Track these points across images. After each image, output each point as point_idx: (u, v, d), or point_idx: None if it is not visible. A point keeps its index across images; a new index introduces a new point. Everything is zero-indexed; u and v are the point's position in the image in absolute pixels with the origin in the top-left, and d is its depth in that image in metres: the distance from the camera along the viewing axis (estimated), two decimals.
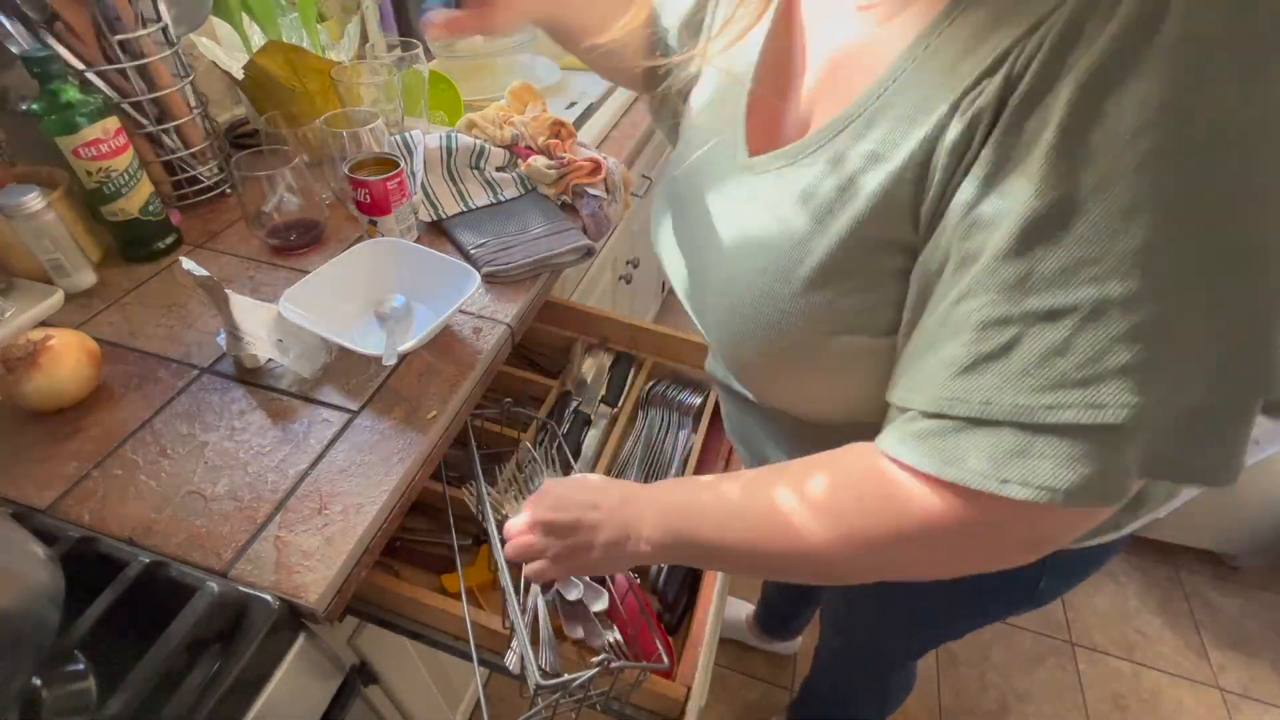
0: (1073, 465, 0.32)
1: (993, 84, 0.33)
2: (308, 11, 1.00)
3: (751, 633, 1.39)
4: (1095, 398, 0.31)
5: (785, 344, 0.43)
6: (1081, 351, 0.31)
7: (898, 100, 0.37)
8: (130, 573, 0.48)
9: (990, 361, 0.33)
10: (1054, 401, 0.32)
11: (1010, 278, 0.32)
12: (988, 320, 0.33)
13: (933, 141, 0.35)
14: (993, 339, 0.33)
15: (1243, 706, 1.35)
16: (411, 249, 0.74)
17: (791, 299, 0.42)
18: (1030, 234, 0.31)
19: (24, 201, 0.68)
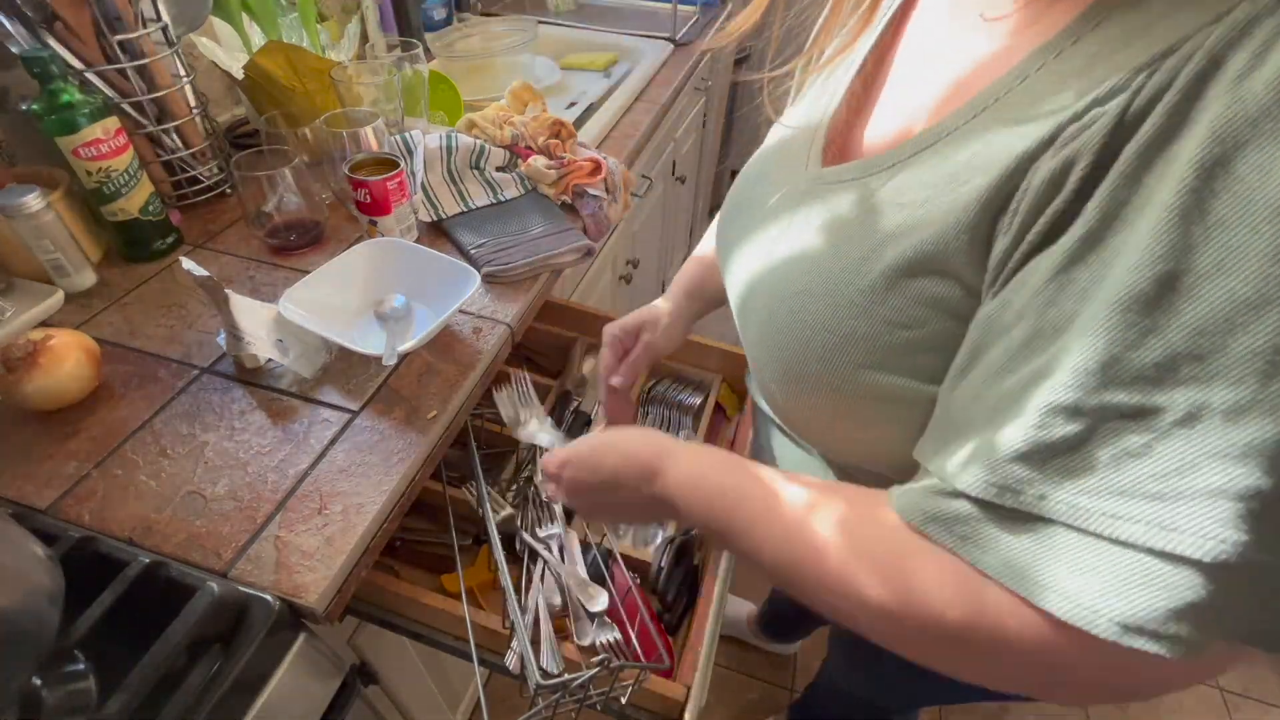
0: (1126, 591, 0.26)
1: (1105, 117, 0.28)
2: (308, 11, 1.00)
3: (752, 631, 1.39)
4: (1170, 519, 0.25)
5: (814, 370, 0.40)
6: (1164, 461, 0.25)
7: (994, 122, 0.33)
8: (130, 573, 0.48)
9: (1053, 453, 0.28)
10: (1118, 510, 0.26)
11: (1091, 362, 0.27)
12: (1055, 405, 0.28)
13: (1019, 174, 0.30)
14: (1059, 429, 0.28)
15: (1243, 706, 1.35)
16: (411, 249, 0.74)
17: (834, 321, 0.38)
18: (1123, 311, 0.26)
19: (24, 201, 0.68)
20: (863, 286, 0.37)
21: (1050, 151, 0.29)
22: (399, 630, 0.65)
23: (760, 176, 0.52)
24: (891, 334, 0.36)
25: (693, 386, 0.89)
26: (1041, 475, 0.28)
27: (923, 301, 0.35)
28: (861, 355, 0.38)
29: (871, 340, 0.37)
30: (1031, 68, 0.33)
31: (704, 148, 1.95)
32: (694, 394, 0.88)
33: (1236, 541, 0.24)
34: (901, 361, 0.37)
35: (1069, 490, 0.28)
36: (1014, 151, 0.31)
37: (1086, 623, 0.27)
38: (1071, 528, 0.28)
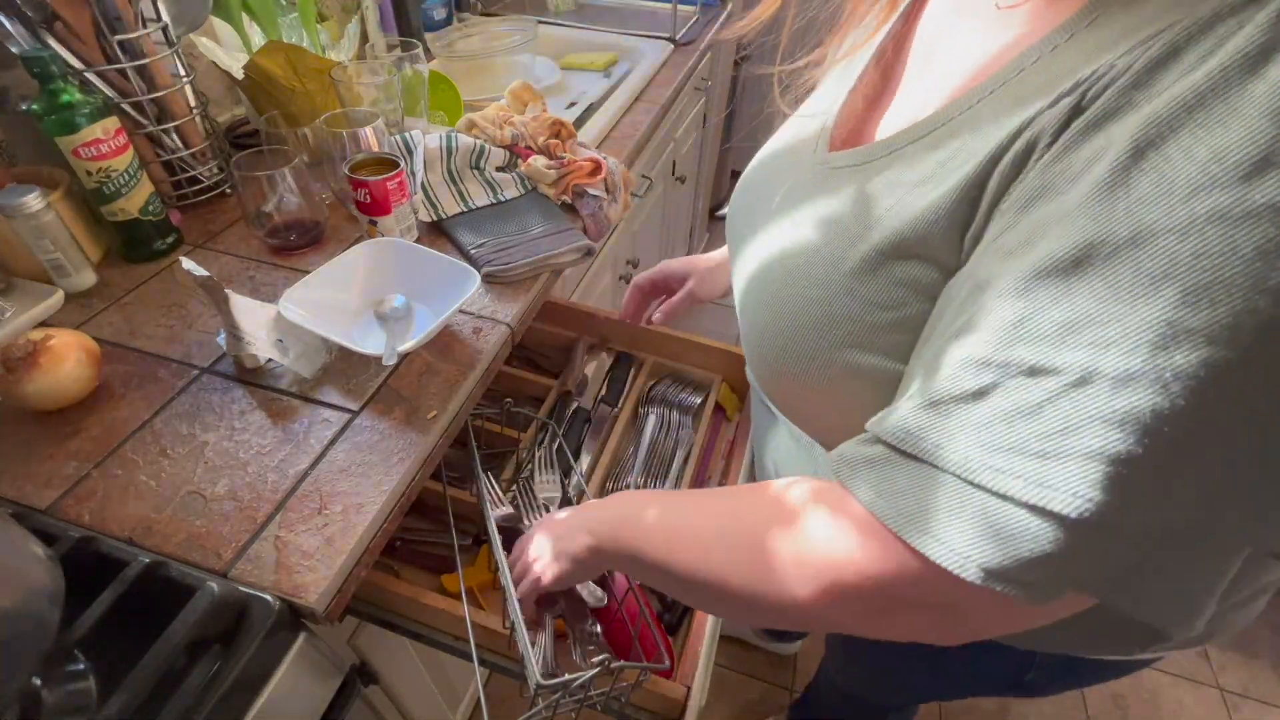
0: (995, 539, 0.28)
1: (1066, 102, 0.29)
2: (308, 11, 1.00)
3: (752, 631, 1.39)
4: (1046, 475, 0.27)
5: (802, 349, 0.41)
6: (1050, 421, 0.27)
7: (986, 113, 0.34)
8: (130, 573, 0.48)
9: (957, 404, 0.30)
10: (1003, 465, 0.28)
11: (1006, 319, 0.29)
12: (968, 359, 0.30)
13: (994, 161, 0.32)
14: (966, 380, 0.30)
15: (1243, 706, 1.35)
16: (411, 249, 0.74)
17: (819, 302, 0.40)
18: (1042, 275, 0.28)
19: (24, 201, 0.68)
20: (849, 269, 0.38)
21: (1020, 136, 0.31)
22: (399, 630, 0.65)
23: (770, 167, 0.52)
24: (873, 314, 0.38)
25: (693, 386, 0.89)
26: (943, 424, 0.30)
27: (903, 283, 0.37)
28: (843, 335, 0.39)
29: (854, 320, 0.38)
30: (1028, 60, 0.33)
31: (704, 148, 1.95)
32: (694, 394, 0.88)
33: (1102, 502, 0.26)
34: (879, 340, 0.38)
35: (963, 442, 0.29)
36: (993, 140, 0.32)
37: (956, 567, 0.29)
38: (959, 478, 0.29)
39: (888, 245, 0.37)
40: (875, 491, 0.33)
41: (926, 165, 0.36)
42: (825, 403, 0.43)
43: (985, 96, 0.35)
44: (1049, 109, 0.30)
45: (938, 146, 0.36)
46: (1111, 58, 0.28)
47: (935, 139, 0.37)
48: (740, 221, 0.53)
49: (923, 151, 0.37)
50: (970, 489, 0.29)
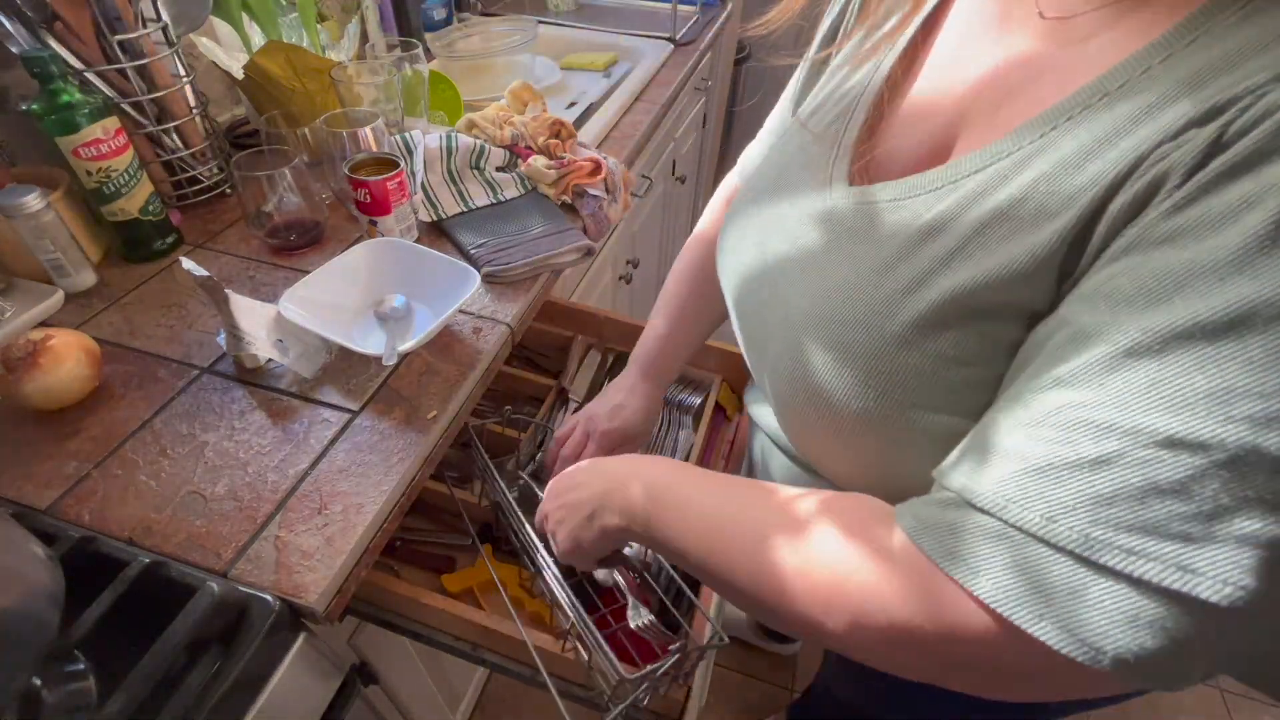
0: (1133, 630, 0.25)
1: (1201, 135, 0.26)
2: (308, 11, 1.00)
3: (753, 631, 1.39)
4: (1190, 560, 0.24)
5: (856, 408, 0.37)
6: (1196, 503, 0.24)
7: (1068, 144, 0.30)
8: (130, 573, 0.48)
9: (1074, 471, 0.26)
10: (1136, 547, 0.25)
11: (1136, 381, 0.25)
12: (1084, 421, 0.26)
13: (1105, 201, 0.28)
14: (1085, 446, 0.26)
15: (1243, 706, 1.35)
16: (411, 249, 0.74)
17: (877, 357, 0.35)
18: (1183, 338, 0.24)
19: (24, 201, 0.68)
20: (911, 318, 0.34)
21: (1138, 173, 0.27)
22: (399, 630, 0.65)
23: (772, 190, 0.48)
24: (946, 370, 0.34)
25: (693, 386, 0.89)
26: (1055, 494, 0.27)
27: (983, 337, 0.33)
28: (909, 393, 0.35)
29: (921, 376, 0.34)
30: (1112, 84, 0.30)
31: (704, 148, 1.95)
32: (694, 394, 0.88)
33: (1254, 589, 0.24)
34: (954, 401, 0.34)
35: (1083, 517, 0.26)
36: (1096, 176, 0.29)
37: (1089, 659, 0.26)
38: (1079, 558, 0.26)
39: (960, 292, 0.33)
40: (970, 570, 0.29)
41: (996, 202, 0.32)
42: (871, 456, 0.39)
43: (1060, 123, 0.31)
44: (1171, 143, 0.26)
45: (1006, 181, 0.32)
46: (1253, 83, 0.25)
47: (999, 172, 0.33)
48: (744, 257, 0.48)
49: (986, 188, 0.33)
50: (1093, 571, 0.26)
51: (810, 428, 0.41)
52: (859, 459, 0.40)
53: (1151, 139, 0.27)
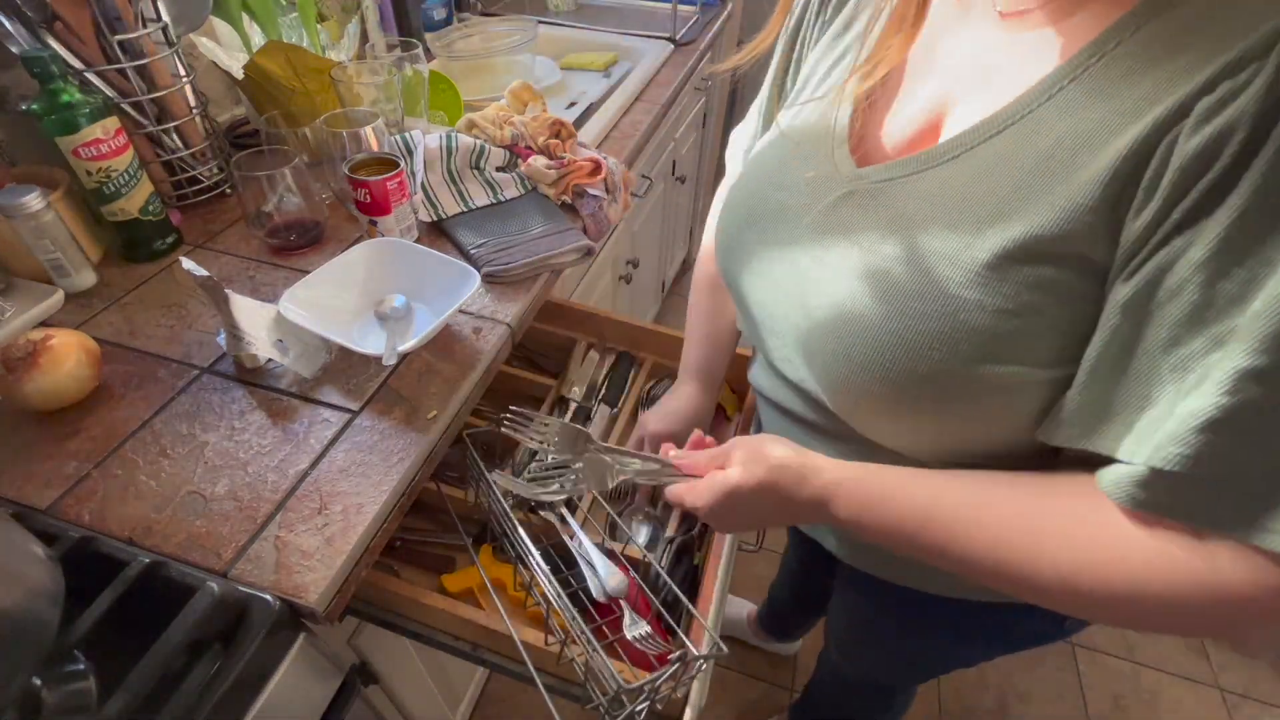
0: None
1: (1252, 89, 0.28)
2: (308, 11, 1.00)
3: (752, 631, 1.39)
4: None
5: (924, 371, 0.38)
6: None
7: (1080, 101, 0.34)
8: (130, 573, 0.48)
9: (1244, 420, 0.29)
10: None
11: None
12: (1246, 370, 0.29)
13: (1148, 150, 0.31)
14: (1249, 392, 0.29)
15: (1243, 706, 1.35)
16: (411, 249, 0.74)
17: (937, 318, 0.37)
18: None
19: (24, 201, 0.68)
20: (963, 279, 0.36)
21: (1189, 125, 0.30)
22: (399, 630, 0.65)
23: (773, 184, 0.50)
24: (1005, 323, 0.35)
25: None
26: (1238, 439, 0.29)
27: (1035, 286, 0.35)
28: (973, 349, 0.36)
29: (981, 332, 0.36)
30: (1107, 45, 0.33)
31: (704, 148, 1.95)
32: None
33: None
34: (1018, 350, 0.36)
35: (1266, 449, 0.29)
36: (1124, 128, 0.31)
37: None
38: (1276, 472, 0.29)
39: (1010, 246, 0.35)
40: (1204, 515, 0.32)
41: (1023, 162, 0.35)
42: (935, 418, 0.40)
43: (1064, 85, 0.34)
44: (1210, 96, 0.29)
45: (1026, 141, 0.35)
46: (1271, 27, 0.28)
47: (1015, 135, 0.36)
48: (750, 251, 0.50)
49: (1006, 149, 0.36)
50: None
51: (869, 401, 0.42)
52: (921, 423, 0.41)
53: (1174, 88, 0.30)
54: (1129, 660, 1.42)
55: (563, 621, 0.55)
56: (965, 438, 0.41)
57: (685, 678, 0.55)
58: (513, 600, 0.67)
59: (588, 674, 0.55)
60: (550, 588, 0.56)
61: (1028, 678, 1.38)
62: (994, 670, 1.39)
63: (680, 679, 0.54)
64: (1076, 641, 1.45)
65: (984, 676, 1.39)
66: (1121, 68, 0.33)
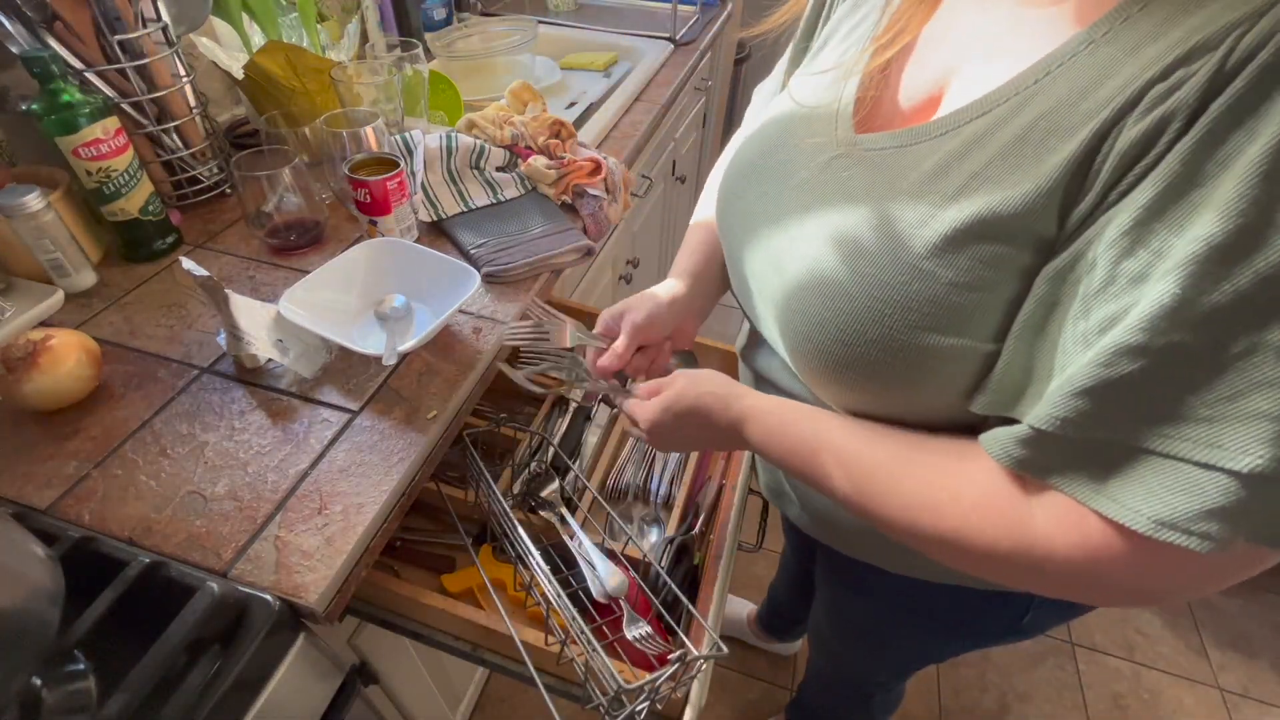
0: (1166, 495, 0.30)
1: (1195, 79, 0.29)
2: (308, 11, 1.00)
3: (752, 631, 1.39)
4: (1216, 437, 0.29)
5: (873, 335, 0.40)
6: (1217, 391, 0.29)
7: (1063, 86, 0.34)
8: (130, 573, 0.48)
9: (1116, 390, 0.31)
10: (1171, 433, 0.30)
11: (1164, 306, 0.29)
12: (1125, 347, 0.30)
13: (1102, 136, 0.32)
14: (1124, 367, 0.30)
15: (1243, 706, 1.35)
16: (411, 249, 0.74)
17: (893, 285, 0.38)
18: (1202, 262, 0.28)
19: (24, 201, 0.68)
20: (922, 249, 0.37)
21: (1137, 112, 0.31)
22: (399, 630, 0.65)
23: (779, 142, 0.50)
24: (954, 295, 0.37)
25: None
26: (1103, 408, 0.31)
27: (990, 263, 0.36)
28: (923, 317, 0.38)
29: (933, 302, 0.37)
30: (1098, 33, 0.34)
31: (704, 148, 1.95)
32: None
33: (1273, 457, 0.28)
34: (965, 323, 0.37)
35: (1128, 421, 0.31)
36: (1093, 115, 0.32)
37: (1128, 520, 0.31)
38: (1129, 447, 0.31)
39: (970, 221, 0.36)
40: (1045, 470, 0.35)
41: (999, 142, 0.36)
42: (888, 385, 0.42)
43: (1052, 70, 0.35)
44: (1163, 84, 0.30)
45: (1005, 123, 0.36)
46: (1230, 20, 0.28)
47: (999, 116, 0.36)
48: (746, 206, 0.51)
49: (988, 128, 0.37)
50: (1142, 455, 0.31)
51: (828, 365, 0.44)
52: (876, 390, 0.43)
53: (1141, 77, 0.31)
54: (1129, 660, 1.42)
55: (563, 621, 0.55)
56: (910, 407, 0.43)
57: (685, 678, 0.55)
58: (513, 600, 0.67)
59: (588, 674, 0.55)
60: (550, 588, 0.56)
61: (1028, 678, 1.38)
62: (994, 670, 1.39)
63: (680, 679, 0.54)
64: (1076, 641, 1.45)
65: (984, 676, 1.39)
66: (1105, 55, 0.33)
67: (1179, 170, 0.29)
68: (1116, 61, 0.32)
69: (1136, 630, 1.47)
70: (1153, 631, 1.46)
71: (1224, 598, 1.52)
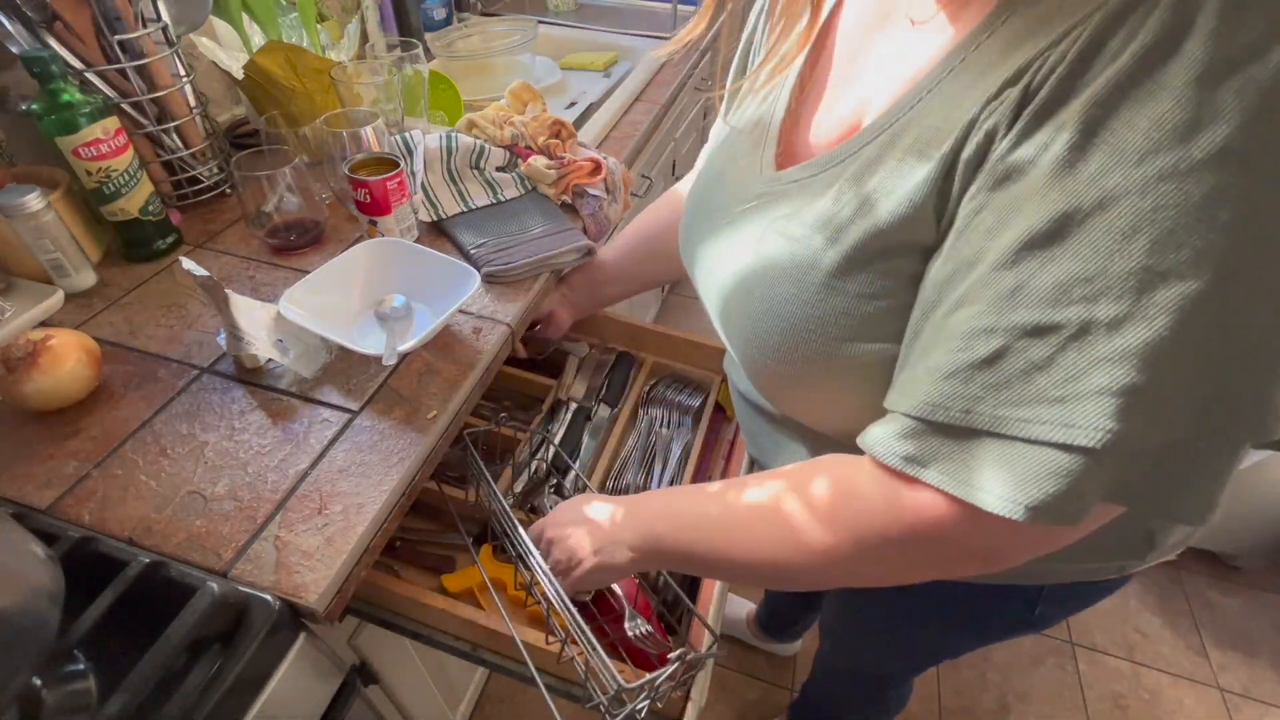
0: (1037, 481, 0.32)
1: (1012, 94, 0.33)
2: (308, 11, 1.00)
3: (751, 631, 1.39)
4: (1069, 417, 0.31)
5: (803, 352, 0.43)
6: (1062, 370, 0.31)
7: (928, 111, 0.37)
8: (130, 573, 0.48)
9: (974, 370, 0.33)
10: (1030, 415, 0.32)
11: (1003, 289, 0.32)
12: (975, 329, 0.33)
13: (956, 150, 0.35)
14: (978, 348, 0.33)
15: (1243, 707, 1.35)
16: (411, 249, 0.74)
17: (810, 303, 0.42)
18: (1027, 247, 0.31)
19: (24, 201, 0.68)
20: (831, 267, 0.41)
21: (977, 126, 0.34)
22: (399, 630, 0.65)
23: (716, 181, 0.55)
24: (865, 305, 0.40)
25: (693, 386, 0.89)
26: (965, 390, 0.34)
27: (890, 274, 0.39)
28: (840, 329, 0.41)
29: (848, 314, 0.41)
30: (956, 60, 0.37)
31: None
32: (694, 394, 0.88)
33: (1119, 430, 0.30)
34: (878, 329, 0.40)
35: (989, 403, 0.33)
36: (947, 133, 0.35)
37: (1007, 511, 0.33)
38: (992, 434, 0.33)
39: (869, 239, 0.39)
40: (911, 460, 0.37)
41: (887, 165, 0.39)
42: (831, 394, 0.45)
43: (924, 96, 0.38)
44: (995, 100, 0.33)
45: (893, 146, 0.39)
46: (1041, 47, 0.32)
47: (887, 140, 0.39)
48: (696, 241, 0.55)
49: (880, 153, 0.40)
50: (1004, 441, 0.33)
51: (774, 379, 0.48)
52: (819, 398, 0.47)
53: (981, 99, 0.34)
54: (1129, 660, 1.42)
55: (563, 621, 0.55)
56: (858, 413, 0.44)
57: (685, 677, 0.55)
58: (513, 600, 0.67)
59: (588, 673, 0.55)
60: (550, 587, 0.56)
61: (1028, 678, 1.38)
62: (994, 670, 1.39)
63: (680, 678, 0.54)
64: (1076, 641, 1.45)
65: (984, 676, 1.39)
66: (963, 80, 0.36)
67: (1001, 170, 0.33)
68: (969, 85, 0.36)
69: (1136, 630, 1.47)
70: (1153, 631, 1.46)
71: (1224, 598, 1.52)
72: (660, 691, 0.52)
